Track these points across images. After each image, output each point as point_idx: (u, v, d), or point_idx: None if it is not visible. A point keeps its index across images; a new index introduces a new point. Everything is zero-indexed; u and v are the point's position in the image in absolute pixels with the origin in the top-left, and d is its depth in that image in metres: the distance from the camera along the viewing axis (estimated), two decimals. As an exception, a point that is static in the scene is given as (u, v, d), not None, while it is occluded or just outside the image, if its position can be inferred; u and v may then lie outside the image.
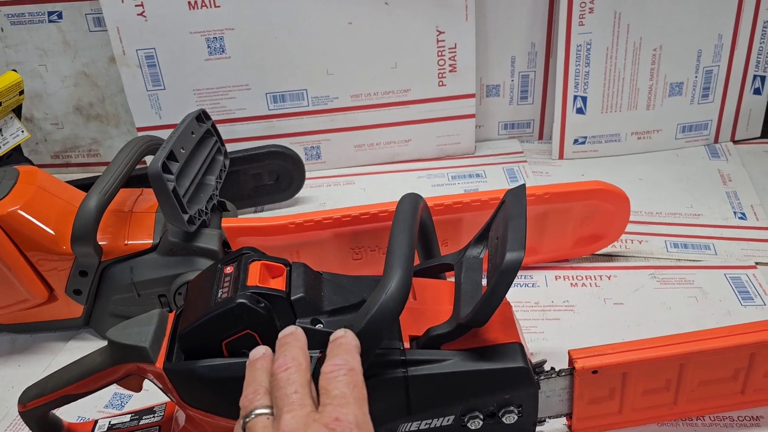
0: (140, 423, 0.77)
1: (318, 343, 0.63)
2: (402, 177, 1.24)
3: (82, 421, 0.80)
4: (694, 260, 0.98)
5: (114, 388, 0.84)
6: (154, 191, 0.82)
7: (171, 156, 0.83)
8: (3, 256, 0.83)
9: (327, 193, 1.22)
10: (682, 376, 0.70)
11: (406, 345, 0.66)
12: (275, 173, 1.14)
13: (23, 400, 0.71)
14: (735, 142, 1.27)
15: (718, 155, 1.24)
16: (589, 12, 1.13)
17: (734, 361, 0.69)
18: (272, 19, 1.14)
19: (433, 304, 0.71)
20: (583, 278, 0.96)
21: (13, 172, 0.88)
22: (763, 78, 1.22)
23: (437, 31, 1.16)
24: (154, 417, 0.78)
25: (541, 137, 1.33)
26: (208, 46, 1.15)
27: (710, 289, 0.92)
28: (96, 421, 0.79)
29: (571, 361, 0.68)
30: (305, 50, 1.16)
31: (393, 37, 1.16)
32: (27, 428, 0.78)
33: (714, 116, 1.24)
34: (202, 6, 1.12)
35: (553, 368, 0.69)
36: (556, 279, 0.97)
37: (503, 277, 0.61)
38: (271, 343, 0.63)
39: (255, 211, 1.18)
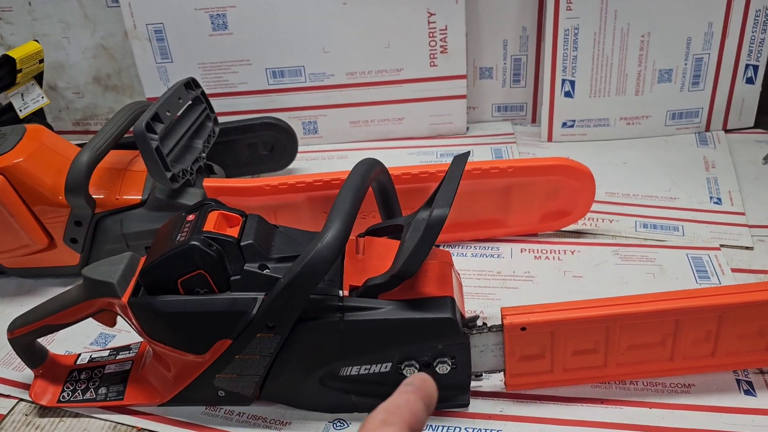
0: (117, 357, 0.85)
1: (264, 285, 0.70)
2: (393, 153, 1.30)
3: (68, 354, 0.88)
4: (659, 240, 1.01)
5: (100, 328, 0.93)
6: (139, 149, 0.89)
7: (156, 117, 0.90)
8: (7, 204, 0.91)
9: (320, 165, 1.28)
10: (610, 338, 0.73)
11: (346, 293, 0.72)
12: (270, 144, 1.20)
13: (11, 329, 0.80)
14: (727, 131, 1.28)
15: (706, 143, 1.25)
16: (577, -3, 1.16)
17: (660, 327, 0.73)
18: (272, -3, 1.20)
19: (378, 259, 0.77)
20: (547, 252, 1.00)
21: (21, 128, 0.97)
22: (755, 67, 1.23)
23: (428, 12, 1.21)
24: (129, 353, 0.86)
25: (534, 120, 1.37)
26: (212, 23, 1.23)
27: (669, 268, 0.95)
28: (79, 354, 0.87)
29: (501, 318, 0.73)
30: (302, 28, 1.23)
31: (386, 18, 1.21)
32: (17, 359, 0.87)
33: (705, 104, 1.26)
34: (206, -17, 1.20)
35: (484, 323, 0.74)
36: (521, 252, 1.01)
37: (428, 230, 0.66)
38: (222, 283, 0.70)
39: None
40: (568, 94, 1.24)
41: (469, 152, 0.76)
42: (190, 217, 0.75)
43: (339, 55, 1.25)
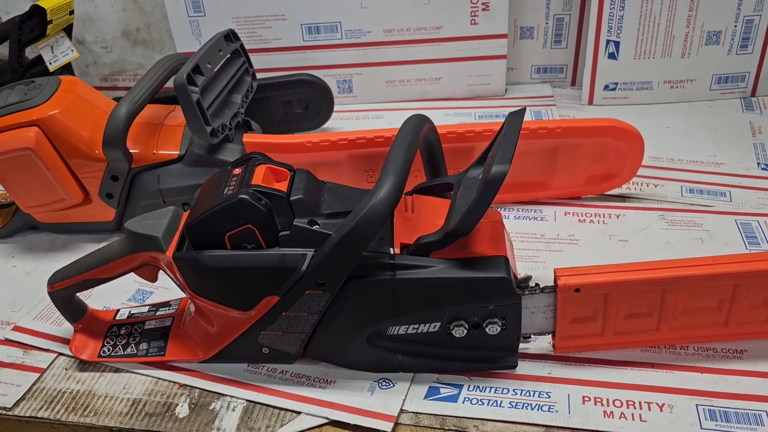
0: (157, 314, 0.84)
1: (313, 241, 0.68)
2: (430, 113, 1.24)
3: (106, 309, 0.87)
4: (706, 205, 0.98)
5: (138, 284, 0.92)
6: (179, 102, 0.87)
7: (197, 69, 0.88)
8: (42, 157, 0.90)
9: (355, 125, 1.26)
10: (665, 302, 0.71)
11: (397, 251, 0.70)
12: (305, 101, 1.18)
13: (51, 282, 0.79)
14: (774, 96, 1.25)
15: (752, 108, 1.22)
16: (627, -47, 1.11)
17: (718, 291, 0.71)
18: (309, -51, 1.17)
19: (429, 218, 0.75)
20: (591, 215, 0.98)
21: (56, 80, 0.94)
22: (807, 30, 1.18)
23: (471, -33, 1.17)
24: (169, 309, 0.85)
25: (573, 83, 1.33)
26: (248, -25, 1.19)
27: (717, 233, 0.92)
28: (118, 310, 0.86)
29: (555, 279, 0.71)
30: (341, -17, 1.19)
31: (426, -28, 1.18)
32: (54, 314, 0.87)
33: (752, 68, 1.22)
34: (242, -67, 1.16)
35: (537, 284, 0.72)
36: (566, 215, 0.98)
37: (488, 187, 0.64)
38: (270, 239, 0.68)
39: (284, 139, 1.23)
40: (611, 56, 1.20)
41: (524, 109, 0.73)
42: (237, 170, 0.73)
43: (377, 12, 1.22)
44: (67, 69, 1.25)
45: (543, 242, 0.94)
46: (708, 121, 1.19)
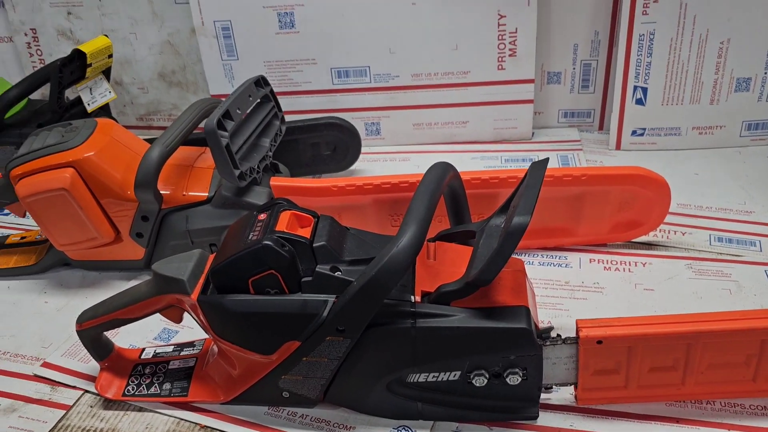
0: (181, 354, 0.85)
1: (335, 288, 0.69)
2: (456, 157, 1.27)
3: (132, 348, 0.89)
4: (735, 255, 0.97)
5: (163, 323, 0.93)
6: (209, 146, 0.89)
7: (227, 115, 0.90)
8: (77, 197, 0.93)
9: (382, 167, 1.27)
10: (690, 356, 0.70)
11: (418, 299, 0.70)
12: (333, 144, 1.20)
13: (80, 320, 0.81)
14: (806, 143, 1.23)
15: (784, 155, 1.20)
16: (654, 1, 1.12)
17: (745, 347, 0.69)
18: (340, -4, 1.20)
19: (451, 266, 0.75)
20: (617, 263, 0.97)
21: (92, 122, 0.98)
22: (839, 78, 1.17)
23: (498, 15, 1.19)
24: (193, 349, 0.86)
25: (601, 128, 1.33)
26: (279, 21, 1.23)
27: (746, 284, 0.91)
28: (143, 349, 0.87)
29: (577, 330, 0.70)
30: (370, 28, 1.22)
31: (455, 19, 1.20)
32: (82, 351, 0.88)
33: (784, 115, 1.21)
34: (275, -18, 1.20)
35: (558, 335, 0.72)
36: (591, 262, 0.98)
37: (508, 238, 0.64)
38: (293, 285, 0.69)
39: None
40: (639, 102, 1.20)
41: (547, 159, 0.74)
42: (262, 216, 0.74)
43: (405, 56, 1.24)
44: (104, 109, 1.29)
45: (567, 289, 0.93)
46: (737, 168, 1.18)
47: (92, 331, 0.81)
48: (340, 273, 0.70)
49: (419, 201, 0.70)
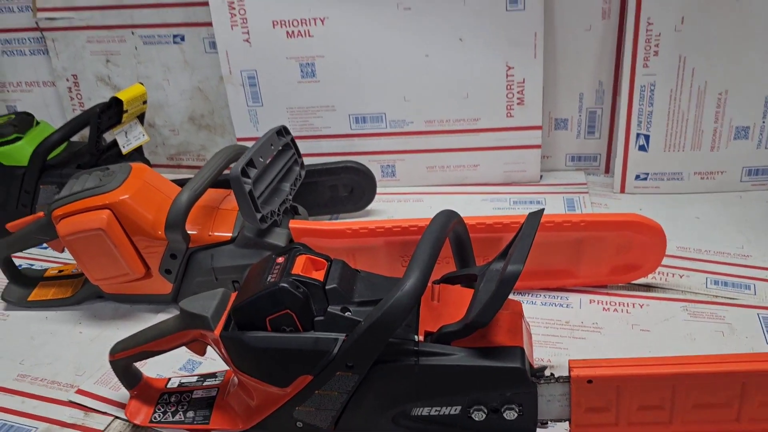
0: (204, 384, 0.92)
1: (345, 327, 0.75)
2: (467, 198, 1.34)
3: (159, 377, 0.96)
4: (730, 298, 1.01)
5: (188, 355, 1.00)
6: (233, 192, 0.97)
7: (250, 163, 0.98)
8: (111, 235, 1.00)
9: (396, 207, 1.34)
10: (676, 396, 0.75)
11: (421, 338, 0.76)
12: (350, 186, 1.27)
13: (112, 352, 0.88)
14: (805, 189, 1.27)
15: (783, 200, 1.25)
16: (654, 55, 1.18)
17: (727, 388, 0.74)
18: (358, 49, 1.28)
19: (453, 307, 0.81)
20: (616, 304, 1.02)
21: (127, 167, 1.06)
22: (836, 127, 1.22)
23: (507, 66, 1.26)
24: (215, 380, 0.92)
25: (607, 171, 1.39)
26: (301, 71, 1.31)
27: (739, 326, 0.95)
28: (169, 378, 0.94)
29: (569, 369, 0.75)
30: (386, 78, 1.30)
31: (465, 70, 1.27)
32: (113, 379, 0.95)
33: (783, 162, 1.25)
34: (298, 35, 1.29)
35: (552, 374, 0.77)
36: (590, 302, 1.03)
37: (503, 285, 0.70)
38: (306, 323, 0.76)
39: (330, 219, 1.32)
40: (642, 148, 1.26)
41: (542, 209, 0.80)
42: (280, 259, 0.81)
43: (419, 104, 1.31)
44: (138, 151, 1.38)
45: (567, 329, 0.98)
46: (737, 213, 1.22)
47: (123, 361, 0.88)
48: (349, 313, 0.76)
49: (423, 248, 0.76)
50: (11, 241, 1.10)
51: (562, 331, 0.98)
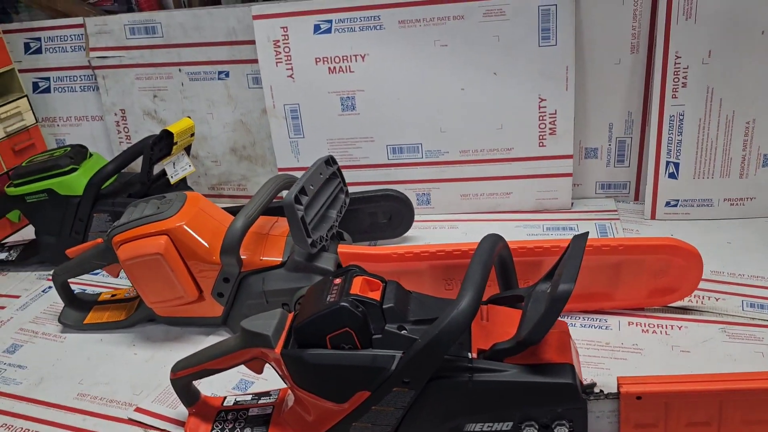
0: (259, 402, 0.96)
1: (402, 344, 0.79)
2: (501, 225, 1.38)
3: (213, 396, 0.99)
4: (767, 320, 1.04)
5: (240, 375, 1.04)
6: (286, 218, 1.02)
7: (302, 191, 1.03)
8: (169, 260, 1.05)
9: (432, 234, 1.38)
10: (723, 413, 0.77)
11: (474, 355, 0.80)
12: (389, 213, 1.32)
13: (174, 370, 0.92)
14: (835, 214, 1.30)
15: (814, 226, 1.28)
16: (683, 86, 1.23)
17: (772, 404, 0.77)
18: (396, 83, 1.34)
19: (502, 326, 0.85)
20: (654, 326, 1.05)
21: (183, 195, 1.12)
22: None
23: (539, 98, 1.31)
24: (269, 398, 0.96)
25: (636, 198, 1.43)
26: (342, 104, 1.37)
27: (778, 348, 0.98)
28: (225, 397, 0.98)
29: (618, 386, 0.79)
30: (423, 111, 1.35)
31: (500, 103, 1.32)
32: (170, 398, 1.00)
33: (812, 188, 1.29)
34: (339, 71, 1.35)
35: (601, 390, 0.80)
36: (629, 324, 1.06)
37: (554, 303, 0.74)
38: (365, 341, 0.80)
39: (369, 245, 1.36)
40: (672, 176, 1.30)
41: (587, 232, 0.84)
42: (337, 280, 0.85)
43: (454, 135, 1.37)
44: (182, 180, 1.43)
45: (608, 350, 1.01)
46: (768, 238, 1.25)
47: (184, 379, 0.92)
48: (405, 331, 0.80)
49: (475, 269, 0.80)
50: (70, 266, 1.16)
51: (603, 351, 1.01)
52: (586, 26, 1.28)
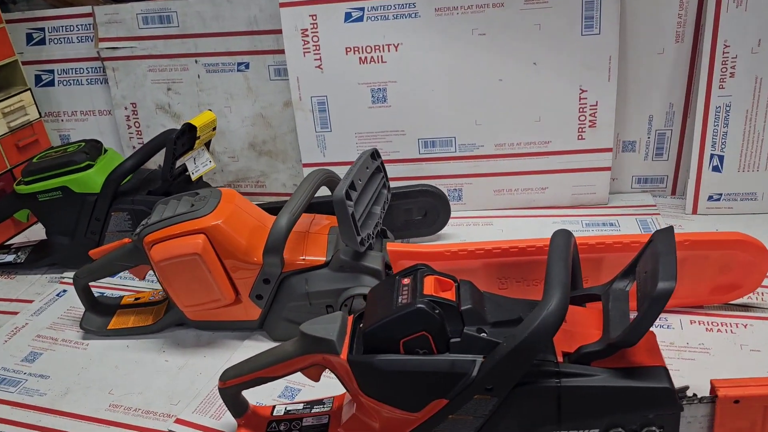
0: (312, 411, 0.89)
1: (482, 348, 0.73)
2: (538, 221, 1.33)
3: (259, 405, 0.93)
4: (833, 317, 1.01)
5: (286, 382, 0.98)
6: (336, 214, 0.96)
7: (352, 185, 0.97)
8: (206, 260, 0.98)
9: (467, 231, 1.33)
10: (822, 415, 0.73)
11: (560, 359, 0.74)
12: (424, 209, 1.26)
13: (223, 378, 0.85)
14: None
15: None
16: (730, 76, 1.19)
17: None
18: (431, 74, 1.29)
19: (581, 327, 0.80)
20: (718, 324, 1.01)
21: (217, 192, 1.05)
22: None
23: (580, 89, 1.27)
24: (323, 407, 0.90)
25: (674, 193, 1.39)
26: (372, 96, 1.31)
27: None
28: (274, 407, 0.91)
29: (713, 389, 0.74)
30: (458, 102, 1.30)
31: (538, 94, 1.28)
32: (212, 408, 0.93)
33: None
34: (371, 61, 1.29)
35: (695, 394, 0.75)
36: (691, 323, 1.02)
37: (655, 302, 0.69)
38: (441, 345, 0.74)
39: (402, 242, 1.30)
40: (716, 168, 1.26)
41: (672, 226, 0.79)
42: (405, 280, 0.79)
43: (490, 127, 1.31)
44: (201, 176, 1.36)
45: (673, 350, 0.97)
46: (817, 232, 1.22)
47: (235, 389, 0.85)
48: (485, 334, 0.74)
49: (557, 268, 0.75)
50: (94, 268, 1.08)
51: (668, 352, 0.97)
52: (630, 14, 1.23)
